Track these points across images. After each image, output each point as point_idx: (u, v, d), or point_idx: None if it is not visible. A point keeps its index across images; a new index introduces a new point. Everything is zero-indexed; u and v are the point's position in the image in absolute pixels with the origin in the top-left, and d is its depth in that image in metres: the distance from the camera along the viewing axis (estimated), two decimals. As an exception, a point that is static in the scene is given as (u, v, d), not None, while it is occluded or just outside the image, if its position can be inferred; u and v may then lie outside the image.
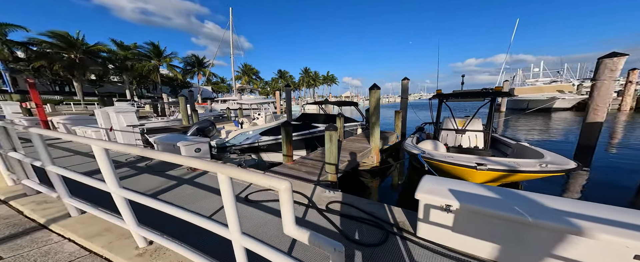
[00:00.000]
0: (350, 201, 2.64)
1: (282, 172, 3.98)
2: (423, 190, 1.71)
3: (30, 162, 2.12)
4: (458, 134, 5.13)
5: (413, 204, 1.80)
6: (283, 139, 4.58)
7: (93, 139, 1.44)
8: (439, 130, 5.55)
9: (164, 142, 4.72)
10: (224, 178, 1.00)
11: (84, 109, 20.65)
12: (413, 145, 4.64)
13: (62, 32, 22.81)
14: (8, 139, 2.39)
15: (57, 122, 6.87)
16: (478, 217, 1.49)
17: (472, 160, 3.34)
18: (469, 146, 5.00)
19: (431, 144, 4.64)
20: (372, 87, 5.36)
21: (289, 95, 12.41)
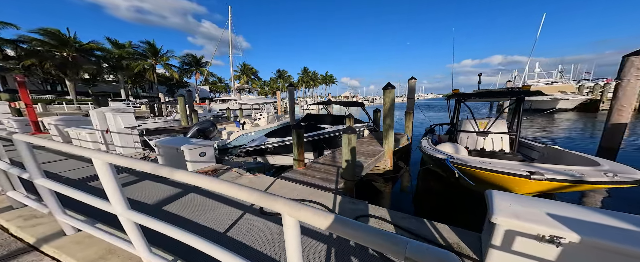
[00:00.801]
0: (382, 215, 2.37)
1: (294, 179, 3.69)
2: (506, 213, 1.36)
3: (17, 174, 1.81)
4: (479, 136, 4.85)
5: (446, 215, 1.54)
6: (294, 142, 4.28)
7: (94, 151, 1.14)
8: (457, 132, 5.29)
9: (166, 146, 4.39)
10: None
11: (77, 109, 20.06)
12: (434, 148, 4.36)
13: (53, 29, 22.17)
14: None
15: (48, 123, 6.47)
16: (611, 258, 1.13)
17: (516, 167, 2.99)
18: (492, 149, 4.74)
19: (451, 147, 4.38)
20: (387, 87, 5.06)
21: (292, 95, 12.11)
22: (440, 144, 4.73)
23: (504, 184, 3.02)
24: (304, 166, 4.27)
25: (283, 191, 3.15)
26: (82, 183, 3.66)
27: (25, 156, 1.59)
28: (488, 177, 3.10)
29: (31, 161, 1.61)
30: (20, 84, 7.31)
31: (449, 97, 5.57)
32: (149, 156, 5.13)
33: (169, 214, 2.68)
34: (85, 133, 5.67)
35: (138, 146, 5.60)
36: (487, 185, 2.91)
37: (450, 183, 4.41)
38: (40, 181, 1.61)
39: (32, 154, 1.61)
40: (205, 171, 4.14)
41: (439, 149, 4.25)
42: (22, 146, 1.57)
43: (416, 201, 4.68)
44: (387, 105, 5.00)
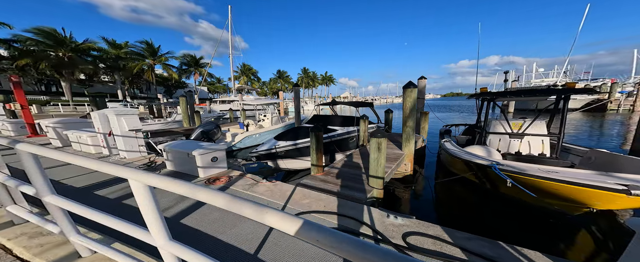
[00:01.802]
0: (437, 233, 2.06)
1: (315, 186, 3.42)
2: None
3: (19, 188, 1.53)
4: (513, 138, 4.54)
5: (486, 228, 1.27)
6: (312, 145, 4.01)
7: (131, 170, 0.88)
8: (486, 133, 4.93)
9: (176, 150, 4.11)
10: None
11: (73, 110, 19.55)
12: (464, 151, 4.07)
13: (48, 28, 21.65)
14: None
15: (46, 126, 6.13)
16: None
17: (601, 179, 2.47)
18: (529, 153, 4.41)
19: (482, 150, 4.11)
20: (408, 85, 4.68)
21: (298, 95, 11.85)
22: (468, 147, 4.41)
23: (584, 200, 2.56)
24: (322, 172, 3.99)
25: (306, 201, 2.91)
26: (88, 192, 3.36)
27: (31, 170, 1.32)
28: (558, 190, 2.64)
29: (38, 175, 1.34)
30: (15, 84, 6.97)
31: (475, 96, 5.26)
32: (155, 161, 4.84)
33: (189, 230, 2.41)
34: (87, 136, 5.36)
35: (143, 150, 5.30)
36: (553, 198, 2.65)
37: (482, 190, 4.11)
38: (50, 199, 1.34)
39: (39, 167, 1.34)
40: (218, 177, 3.87)
41: (470, 152, 3.96)
42: (27, 159, 1.30)
43: (440, 210, 4.33)
44: (408, 105, 4.68)
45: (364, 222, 2.32)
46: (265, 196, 3.09)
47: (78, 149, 5.76)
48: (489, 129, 4.95)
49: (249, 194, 3.18)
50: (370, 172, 3.30)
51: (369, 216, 2.46)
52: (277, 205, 2.86)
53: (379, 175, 3.22)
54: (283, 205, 2.83)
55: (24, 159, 1.29)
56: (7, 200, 1.94)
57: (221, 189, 3.44)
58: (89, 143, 5.39)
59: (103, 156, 5.30)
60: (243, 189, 3.36)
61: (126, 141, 5.02)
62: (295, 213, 2.57)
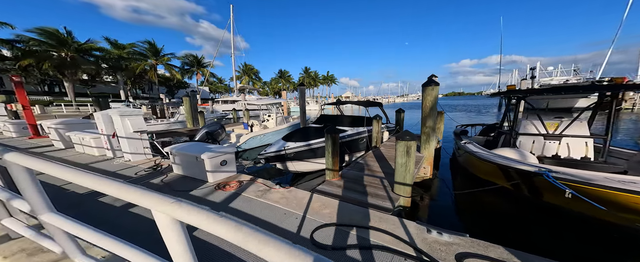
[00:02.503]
0: (503, 256, 1.75)
1: (334, 193, 3.16)
2: None
3: (11, 202, 1.31)
4: (549, 140, 4.16)
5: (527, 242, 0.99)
6: (328, 148, 3.73)
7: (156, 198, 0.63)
8: (516, 134, 4.52)
9: (183, 153, 3.89)
10: None
11: (76, 110, 19.46)
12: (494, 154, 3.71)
13: (51, 28, 21.58)
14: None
15: (48, 127, 5.94)
16: None
17: None
18: (569, 156, 4.00)
19: (515, 153, 3.74)
20: (428, 83, 4.32)
21: (304, 95, 11.61)
22: (497, 149, 4.05)
23: None
24: (338, 177, 3.73)
25: (327, 211, 2.66)
26: (93, 199, 3.13)
27: (24, 184, 1.09)
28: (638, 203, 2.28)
29: (33, 190, 1.11)
30: (17, 84, 6.79)
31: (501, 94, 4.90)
32: (161, 164, 4.62)
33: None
34: (90, 138, 5.16)
35: (148, 152, 5.09)
36: (629, 212, 2.30)
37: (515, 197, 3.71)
38: (48, 218, 1.11)
39: (34, 180, 1.11)
40: (228, 182, 3.64)
41: (507, 156, 3.59)
42: (19, 172, 1.07)
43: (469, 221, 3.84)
44: (428, 104, 4.36)
45: (401, 239, 2.05)
46: (280, 205, 2.86)
47: (81, 151, 5.56)
48: (519, 129, 4.57)
49: (263, 202, 2.94)
50: (396, 178, 3.03)
51: (404, 230, 2.19)
52: (296, 215, 2.61)
53: (406, 182, 2.96)
54: (302, 215, 2.59)
55: (15, 173, 1.06)
56: (2, 212, 1.72)
57: (233, 195, 3.21)
58: (92, 145, 5.18)
59: (107, 158, 5.09)
60: (256, 196, 3.12)
61: (131, 143, 4.81)
62: (317, 225, 2.33)
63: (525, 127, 4.56)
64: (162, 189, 3.55)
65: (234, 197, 3.18)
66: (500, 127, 5.69)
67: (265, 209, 2.77)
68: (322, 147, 5.96)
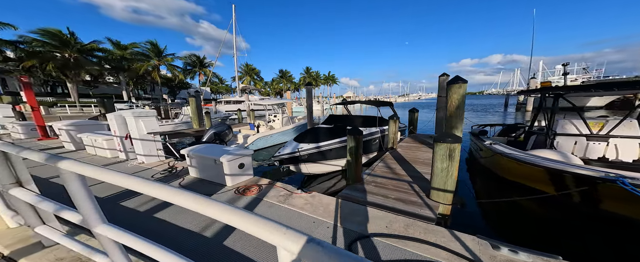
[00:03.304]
0: None
1: (361, 199, 3.02)
2: None
3: (60, 213, 1.23)
4: (593, 141, 3.84)
5: None
6: (351, 150, 3.55)
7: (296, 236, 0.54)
8: (553, 134, 4.24)
9: (201, 156, 3.81)
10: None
11: (79, 112, 19.45)
12: (534, 156, 3.43)
13: (54, 29, 21.57)
14: (8, 167, 1.48)
15: (59, 129, 5.88)
16: None
17: None
18: (618, 159, 3.69)
19: (557, 155, 3.46)
20: (455, 80, 3.94)
21: (311, 94, 11.53)
22: (535, 151, 3.77)
23: None
24: (361, 180, 3.61)
25: (358, 218, 2.52)
26: (115, 204, 3.06)
27: (78, 194, 1.02)
28: None
29: (87, 200, 1.04)
30: (25, 85, 6.74)
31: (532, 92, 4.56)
32: (176, 166, 4.55)
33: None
34: (102, 140, 5.09)
35: (161, 154, 5.02)
36: None
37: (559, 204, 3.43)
38: (103, 230, 1.04)
39: (87, 190, 1.03)
40: (247, 186, 3.56)
41: (545, 157, 3.33)
42: (72, 181, 0.99)
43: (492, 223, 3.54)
44: (455, 103, 4.05)
45: (463, 256, 1.80)
46: (306, 211, 2.74)
47: (92, 153, 5.50)
48: (555, 128, 4.29)
49: (287, 209, 2.83)
50: (434, 183, 2.84)
51: (461, 244, 1.97)
52: (326, 224, 2.48)
53: (448, 188, 2.74)
54: (333, 224, 2.46)
55: (68, 181, 0.99)
56: (35, 220, 1.65)
57: (254, 201, 3.12)
58: (105, 147, 5.12)
59: (120, 160, 5.02)
60: (278, 202, 3.02)
61: (144, 145, 4.74)
62: (354, 236, 2.20)
63: (563, 127, 4.27)
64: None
65: (256, 203, 3.07)
66: (531, 127, 5.47)
67: (292, 216, 2.66)
68: (337, 148, 5.87)
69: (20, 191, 1.50)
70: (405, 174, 3.87)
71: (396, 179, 3.71)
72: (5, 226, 1.92)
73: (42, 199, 1.38)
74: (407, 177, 3.77)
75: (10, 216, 1.87)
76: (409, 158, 4.79)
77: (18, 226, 1.92)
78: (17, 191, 1.50)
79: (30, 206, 1.52)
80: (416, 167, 4.24)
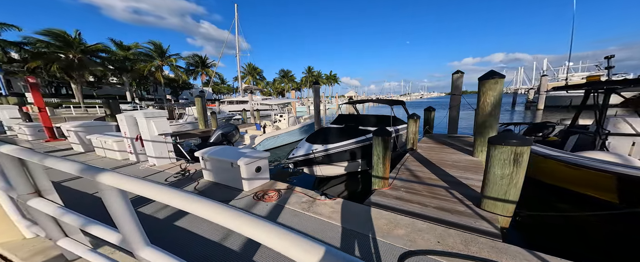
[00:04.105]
0: None
1: (396, 207, 2.78)
2: None
3: (90, 229, 1.07)
4: None
5: None
6: (378, 153, 3.28)
7: None
8: (606, 135, 3.89)
9: (216, 158, 3.65)
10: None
11: (84, 112, 19.48)
12: (584, 157, 3.15)
13: (58, 30, 21.65)
14: (26, 175, 1.32)
15: (67, 130, 5.77)
16: None
17: None
18: None
19: (616, 157, 3.13)
20: (489, 75, 3.59)
21: (318, 94, 11.36)
22: (585, 152, 3.46)
23: None
24: (389, 186, 3.36)
25: (401, 231, 2.24)
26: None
27: (119, 211, 0.85)
28: None
29: (130, 220, 0.87)
30: (32, 86, 6.65)
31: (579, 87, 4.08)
32: (188, 169, 4.40)
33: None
34: (112, 141, 4.96)
35: (172, 156, 4.88)
36: None
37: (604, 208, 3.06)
38: (148, 255, 0.87)
39: (129, 208, 0.87)
40: (265, 191, 3.38)
41: (606, 160, 3.04)
42: (114, 197, 0.83)
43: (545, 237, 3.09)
44: (490, 101, 3.71)
45: None
46: (335, 221, 2.52)
47: (102, 155, 5.38)
48: (607, 127, 3.93)
49: (314, 218, 2.62)
50: (491, 192, 2.46)
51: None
52: (361, 236, 2.24)
53: (509, 198, 2.36)
54: (370, 236, 2.24)
55: (109, 197, 0.83)
56: (57, 233, 1.49)
57: (276, 208, 2.94)
58: (115, 148, 4.99)
59: (130, 162, 4.89)
60: (302, 210, 2.81)
61: (156, 146, 4.60)
62: (400, 252, 1.96)
63: (616, 125, 3.89)
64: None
65: (278, 210, 2.87)
66: (571, 126, 5.10)
67: (322, 227, 2.43)
68: (351, 149, 5.69)
69: (40, 202, 1.34)
70: (438, 179, 3.60)
71: (429, 184, 3.43)
72: (21, 237, 1.77)
73: (66, 211, 1.22)
74: (441, 181, 3.49)
75: (26, 226, 1.71)
76: (435, 160, 4.51)
77: (35, 237, 1.77)
78: (36, 202, 1.34)
79: (52, 218, 1.37)
80: (447, 171, 3.95)
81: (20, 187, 1.30)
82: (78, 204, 3.11)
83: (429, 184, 3.36)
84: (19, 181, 1.29)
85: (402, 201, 2.93)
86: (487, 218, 2.43)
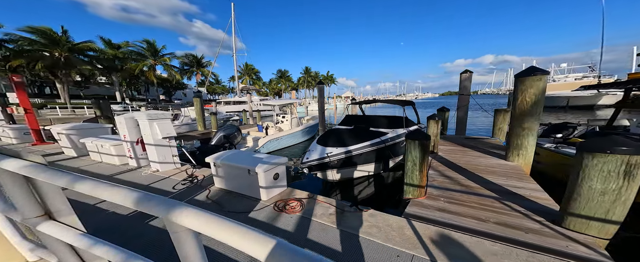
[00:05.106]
0: None
1: (441, 221, 2.48)
2: None
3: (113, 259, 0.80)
4: None
5: None
6: (415, 158, 2.97)
7: None
8: None
9: (231, 165, 3.37)
10: None
11: (71, 113, 18.73)
12: None
13: (44, 27, 20.86)
14: (32, 195, 1.05)
15: (58, 133, 5.38)
16: None
17: None
18: None
19: None
20: (530, 71, 3.35)
21: (322, 94, 11.15)
22: None
23: None
24: (424, 195, 3.08)
25: (459, 251, 1.97)
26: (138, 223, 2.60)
27: (190, 254, 0.60)
28: None
29: None
30: (18, 85, 6.21)
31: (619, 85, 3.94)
32: (194, 175, 4.10)
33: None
34: (110, 145, 4.61)
35: (177, 161, 4.56)
36: None
37: None
38: None
39: (202, 253, 0.62)
40: (285, 200, 3.12)
41: None
42: (186, 236, 0.58)
43: None
44: (530, 100, 3.42)
45: None
46: (377, 238, 2.21)
47: (98, 160, 5.01)
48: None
49: (349, 233, 2.33)
50: (584, 209, 2.08)
51: None
52: (418, 258, 1.94)
53: (612, 218, 1.99)
54: (428, 260, 1.94)
55: (181, 238, 0.58)
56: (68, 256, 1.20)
57: (301, 221, 2.66)
58: (113, 153, 4.64)
59: (131, 168, 4.55)
60: (331, 223, 2.54)
61: (159, 151, 4.29)
62: None
63: None
64: (212, 209, 3.03)
65: (304, 223, 2.59)
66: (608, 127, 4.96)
67: (363, 245, 2.13)
68: (367, 152, 5.47)
69: (53, 227, 1.07)
70: (479, 186, 3.31)
71: (472, 193, 3.12)
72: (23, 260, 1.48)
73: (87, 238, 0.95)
74: (485, 190, 3.18)
75: (29, 248, 1.42)
76: (463, 164, 4.24)
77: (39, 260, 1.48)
78: (47, 227, 1.07)
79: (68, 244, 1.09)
80: (484, 177, 3.65)
81: (26, 211, 1.02)
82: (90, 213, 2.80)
83: (472, 193, 3.09)
84: (24, 204, 1.01)
85: (447, 213, 2.66)
86: (581, 241, 2.06)
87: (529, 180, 3.42)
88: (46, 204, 1.10)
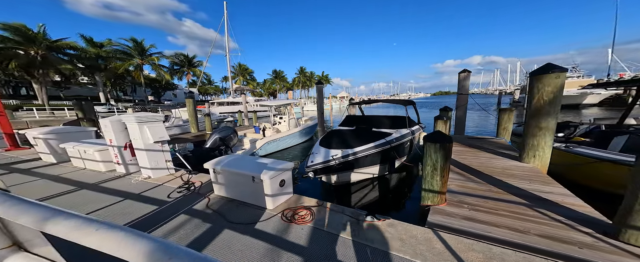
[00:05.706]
0: None
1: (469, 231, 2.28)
2: None
3: None
4: None
5: None
6: (433, 162, 2.78)
7: None
8: None
9: (233, 171, 3.11)
10: None
11: (50, 115, 17.70)
12: None
13: (17, 24, 19.67)
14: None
15: (34, 138, 4.92)
16: None
17: None
18: None
19: None
20: (547, 69, 3.23)
21: (321, 93, 10.97)
22: None
23: None
24: (445, 202, 2.88)
25: None
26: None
27: None
28: None
29: None
30: (-12, 84, 5.67)
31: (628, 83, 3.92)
32: (191, 181, 3.81)
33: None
34: (94, 150, 4.23)
35: (170, 166, 4.24)
36: None
37: None
38: None
39: None
40: (294, 209, 2.89)
41: None
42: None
43: None
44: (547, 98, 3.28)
45: None
46: (404, 253, 2.01)
47: (81, 166, 4.60)
48: None
49: (368, 247, 2.13)
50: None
51: None
52: None
53: None
54: None
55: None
56: None
57: (313, 233, 2.42)
58: (97, 158, 4.26)
59: (118, 174, 4.19)
60: (347, 235, 2.32)
61: (150, 156, 3.96)
62: None
63: None
64: (213, 219, 2.77)
65: (317, 235, 2.35)
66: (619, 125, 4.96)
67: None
68: (373, 154, 5.31)
69: (25, 260, 0.82)
70: (503, 191, 3.12)
71: (497, 199, 2.93)
72: None
73: None
74: (511, 196, 2.99)
75: None
76: (477, 166, 4.10)
77: None
78: (18, 260, 0.81)
79: None
80: (505, 180, 3.47)
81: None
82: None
83: (496, 198, 2.91)
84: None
85: (476, 222, 2.44)
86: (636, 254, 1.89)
87: (555, 184, 3.28)
88: (13, 233, 0.83)
